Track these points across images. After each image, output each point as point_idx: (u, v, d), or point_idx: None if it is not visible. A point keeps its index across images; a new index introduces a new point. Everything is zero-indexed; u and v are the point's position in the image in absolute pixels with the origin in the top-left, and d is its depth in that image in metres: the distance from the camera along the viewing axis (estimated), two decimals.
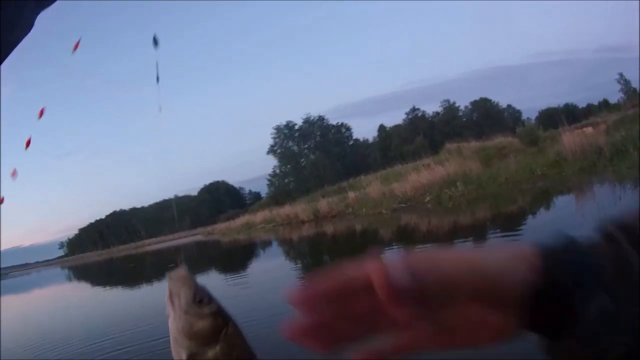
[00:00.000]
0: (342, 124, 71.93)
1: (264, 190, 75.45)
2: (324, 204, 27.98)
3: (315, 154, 65.77)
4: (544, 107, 69.16)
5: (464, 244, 9.57)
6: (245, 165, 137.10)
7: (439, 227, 13.37)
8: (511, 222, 11.13)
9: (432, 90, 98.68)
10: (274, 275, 11.63)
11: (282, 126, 67.82)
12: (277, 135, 67.65)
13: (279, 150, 67.45)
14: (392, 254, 0.40)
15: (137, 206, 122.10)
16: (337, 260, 0.43)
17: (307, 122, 68.90)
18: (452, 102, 70.30)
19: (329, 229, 21.48)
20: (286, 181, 65.41)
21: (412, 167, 28.02)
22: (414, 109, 71.04)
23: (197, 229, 70.88)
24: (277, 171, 67.03)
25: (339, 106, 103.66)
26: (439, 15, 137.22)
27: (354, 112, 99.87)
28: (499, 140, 26.56)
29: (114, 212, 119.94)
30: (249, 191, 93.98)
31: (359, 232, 17.69)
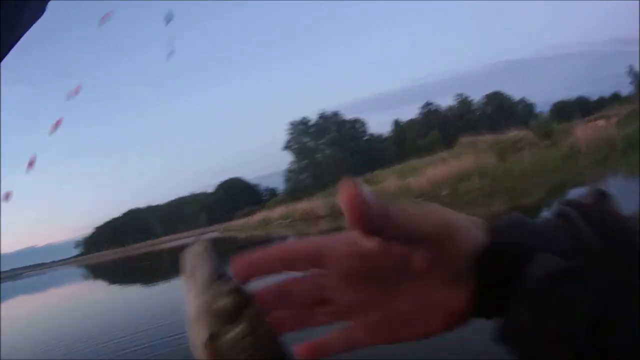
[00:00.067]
0: (356, 119, 71.86)
1: (280, 186, 75.32)
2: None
3: (331, 149, 65.71)
4: (556, 100, 68.60)
5: None
6: (260, 161, 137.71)
7: None
8: (527, 216, 11.35)
9: (445, 84, 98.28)
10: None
11: (297, 122, 67.86)
12: (292, 131, 67.76)
13: (295, 146, 67.38)
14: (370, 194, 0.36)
15: (152, 204, 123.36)
16: None
17: (322, 117, 68.86)
18: (465, 96, 70.00)
19: (346, 224, 21.56)
20: (302, 177, 65.19)
21: (428, 161, 28.08)
22: (427, 103, 71.01)
23: (213, 226, 70.63)
24: (294, 167, 66.87)
25: (355, 101, 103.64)
26: (452, 9, 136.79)
27: (368, 107, 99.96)
28: (514, 133, 26.44)
29: (130, 210, 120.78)
30: (265, 187, 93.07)
31: None
